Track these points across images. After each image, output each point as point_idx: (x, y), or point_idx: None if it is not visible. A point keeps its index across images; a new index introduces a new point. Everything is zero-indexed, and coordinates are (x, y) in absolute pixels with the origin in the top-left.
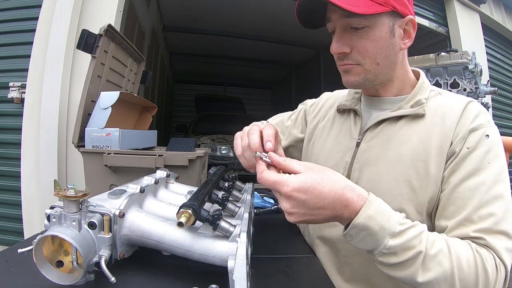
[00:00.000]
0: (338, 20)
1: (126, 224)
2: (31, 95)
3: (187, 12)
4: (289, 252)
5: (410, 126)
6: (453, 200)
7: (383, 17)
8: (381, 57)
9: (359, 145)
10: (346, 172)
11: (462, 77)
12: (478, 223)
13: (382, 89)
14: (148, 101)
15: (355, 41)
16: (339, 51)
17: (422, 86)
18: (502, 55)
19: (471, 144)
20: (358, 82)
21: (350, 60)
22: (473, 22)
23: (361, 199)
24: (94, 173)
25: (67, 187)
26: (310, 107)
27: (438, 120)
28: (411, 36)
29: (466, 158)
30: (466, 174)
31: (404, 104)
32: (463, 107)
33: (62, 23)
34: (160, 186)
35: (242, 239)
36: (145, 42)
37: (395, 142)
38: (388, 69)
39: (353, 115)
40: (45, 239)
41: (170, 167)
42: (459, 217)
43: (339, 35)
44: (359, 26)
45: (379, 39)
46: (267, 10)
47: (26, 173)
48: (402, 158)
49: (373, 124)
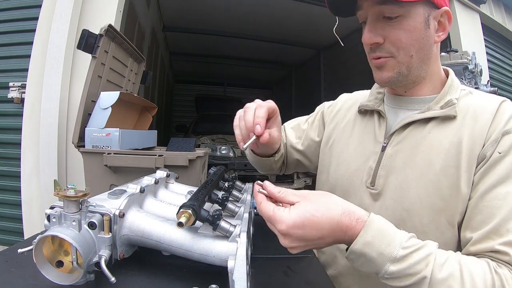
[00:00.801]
0: (370, 7)
1: (126, 224)
2: (31, 95)
3: (187, 12)
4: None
5: (440, 128)
6: (480, 209)
7: (418, 7)
8: (415, 49)
9: (385, 150)
10: (370, 178)
11: (462, 77)
12: (505, 236)
13: (412, 90)
14: (148, 101)
15: (388, 31)
16: (371, 41)
17: (452, 85)
18: (502, 55)
19: (504, 148)
20: (392, 78)
21: (383, 51)
22: (473, 22)
23: (360, 223)
24: (94, 173)
25: (67, 187)
26: (327, 109)
27: (469, 122)
28: (446, 29)
29: (497, 164)
30: (495, 181)
31: (433, 105)
32: (497, 107)
33: (62, 23)
34: (160, 186)
35: (242, 239)
36: (145, 42)
37: (424, 147)
38: (422, 63)
39: (377, 116)
40: (45, 239)
41: (170, 167)
42: (485, 228)
43: (372, 24)
44: (392, 15)
45: (414, 29)
46: (267, 10)
47: (26, 173)
48: (432, 164)
49: (400, 127)
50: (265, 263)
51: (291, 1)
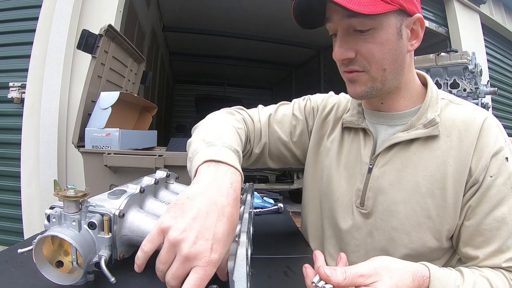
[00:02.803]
0: (340, 20)
1: (126, 224)
2: (31, 95)
3: (187, 12)
4: (289, 252)
5: (424, 149)
6: (481, 232)
7: (390, 17)
8: (388, 62)
9: (371, 171)
10: (359, 199)
11: (462, 77)
12: (507, 252)
13: (388, 100)
14: (148, 101)
15: (360, 45)
16: (343, 57)
17: (432, 96)
18: (502, 55)
19: (494, 171)
20: (365, 92)
21: (356, 65)
22: (473, 22)
23: (426, 281)
24: (94, 173)
25: (67, 187)
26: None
27: (454, 142)
28: (419, 36)
29: (490, 188)
30: (492, 206)
31: (415, 121)
32: (480, 125)
33: (62, 23)
34: (160, 186)
35: (242, 240)
36: (145, 42)
37: (410, 169)
38: (396, 75)
39: (362, 134)
40: (45, 239)
41: (170, 167)
42: (489, 249)
43: (342, 39)
44: (363, 29)
45: (386, 42)
46: (267, 10)
47: (26, 173)
48: (419, 187)
49: (384, 149)
50: (265, 263)
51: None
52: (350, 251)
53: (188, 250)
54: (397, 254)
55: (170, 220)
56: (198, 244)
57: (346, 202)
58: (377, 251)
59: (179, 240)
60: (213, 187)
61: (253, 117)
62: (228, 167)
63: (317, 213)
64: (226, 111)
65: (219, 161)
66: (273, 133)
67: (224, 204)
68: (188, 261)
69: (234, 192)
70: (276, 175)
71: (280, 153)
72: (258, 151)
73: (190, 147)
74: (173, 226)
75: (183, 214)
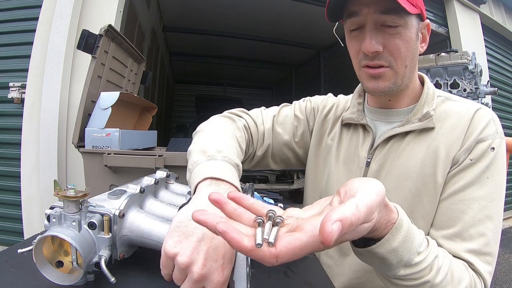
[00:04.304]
0: (371, 15)
1: (126, 224)
2: (31, 95)
3: (187, 12)
4: None
5: (417, 140)
6: (444, 211)
7: (413, 18)
8: (409, 59)
9: (369, 165)
10: None
11: (462, 77)
12: (468, 242)
13: (396, 98)
14: (148, 102)
15: (388, 39)
16: (374, 50)
17: (428, 93)
18: (502, 55)
19: (475, 156)
20: (388, 88)
21: (382, 60)
22: (473, 22)
23: (389, 225)
24: (94, 173)
25: (67, 187)
26: (320, 104)
27: (445, 130)
28: (426, 40)
29: (466, 170)
30: (462, 186)
31: (411, 117)
32: (471, 115)
33: (62, 23)
34: (160, 186)
35: None
36: (145, 42)
37: (403, 158)
38: (411, 73)
39: (362, 130)
40: (45, 239)
41: (170, 167)
42: (449, 231)
43: (373, 32)
44: (393, 25)
45: (409, 40)
46: (267, 10)
47: (26, 173)
48: (410, 173)
49: (381, 142)
50: None
51: (291, 1)
52: (347, 247)
53: (199, 274)
54: None
55: (175, 245)
56: (208, 266)
57: None
58: None
59: (188, 264)
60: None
61: (256, 120)
62: (228, 186)
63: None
64: (228, 116)
65: (220, 179)
66: (276, 135)
67: None
68: (199, 282)
69: None
70: (276, 175)
71: (283, 154)
72: (260, 153)
73: (190, 157)
74: (180, 251)
75: (187, 238)
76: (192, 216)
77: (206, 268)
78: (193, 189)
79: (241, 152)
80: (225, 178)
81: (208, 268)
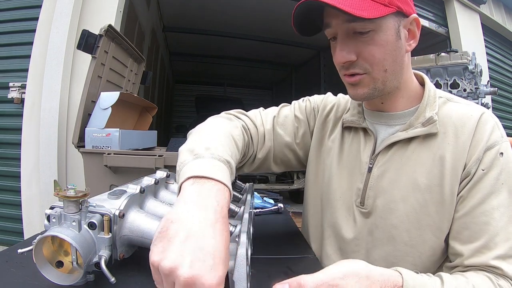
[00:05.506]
0: (340, 25)
1: (126, 224)
2: (31, 95)
3: (187, 12)
4: (289, 253)
5: (422, 147)
6: (467, 225)
7: (388, 19)
8: (389, 63)
9: (371, 171)
10: (359, 199)
11: (462, 77)
12: (494, 250)
13: (388, 100)
14: (148, 102)
15: (360, 47)
16: (345, 60)
17: (429, 95)
18: (502, 55)
19: (486, 165)
20: (367, 94)
21: (357, 68)
22: (473, 22)
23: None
24: (94, 173)
25: (67, 187)
26: (320, 104)
27: (451, 138)
28: (415, 36)
29: (481, 181)
30: (481, 199)
31: (414, 120)
32: (476, 122)
33: (62, 23)
34: (160, 186)
35: (242, 240)
36: (145, 42)
37: (409, 167)
38: (396, 75)
39: (363, 133)
40: (45, 239)
41: (170, 167)
42: (475, 244)
43: (343, 42)
44: (364, 30)
45: (386, 43)
46: (267, 10)
47: (26, 173)
48: (417, 184)
49: (384, 148)
50: (265, 263)
51: (291, 1)
52: (350, 251)
53: (185, 278)
54: (398, 253)
55: (159, 254)
56: (195, 268)
57: (347, 202)
58: (377, 250)
59: (172, 268)
60: (198, 207)
61: (255, 121)
62: (213, 183)
63: (318, 212)
64: (225, 116)
65: (204, 177)
66: (277, 136)
67: (213, 222)
68: (188, 287)
69: (221, 210)
70: (276, 175)
71: (284, 156)
72: (261, 155)
73: (179, 158)
74: (162, 257)
75: (170, 241)
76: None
77: (194, 270)
78: (178, 190)
79: (236, 151)
80: (209, 175)
81: (196, 270)
